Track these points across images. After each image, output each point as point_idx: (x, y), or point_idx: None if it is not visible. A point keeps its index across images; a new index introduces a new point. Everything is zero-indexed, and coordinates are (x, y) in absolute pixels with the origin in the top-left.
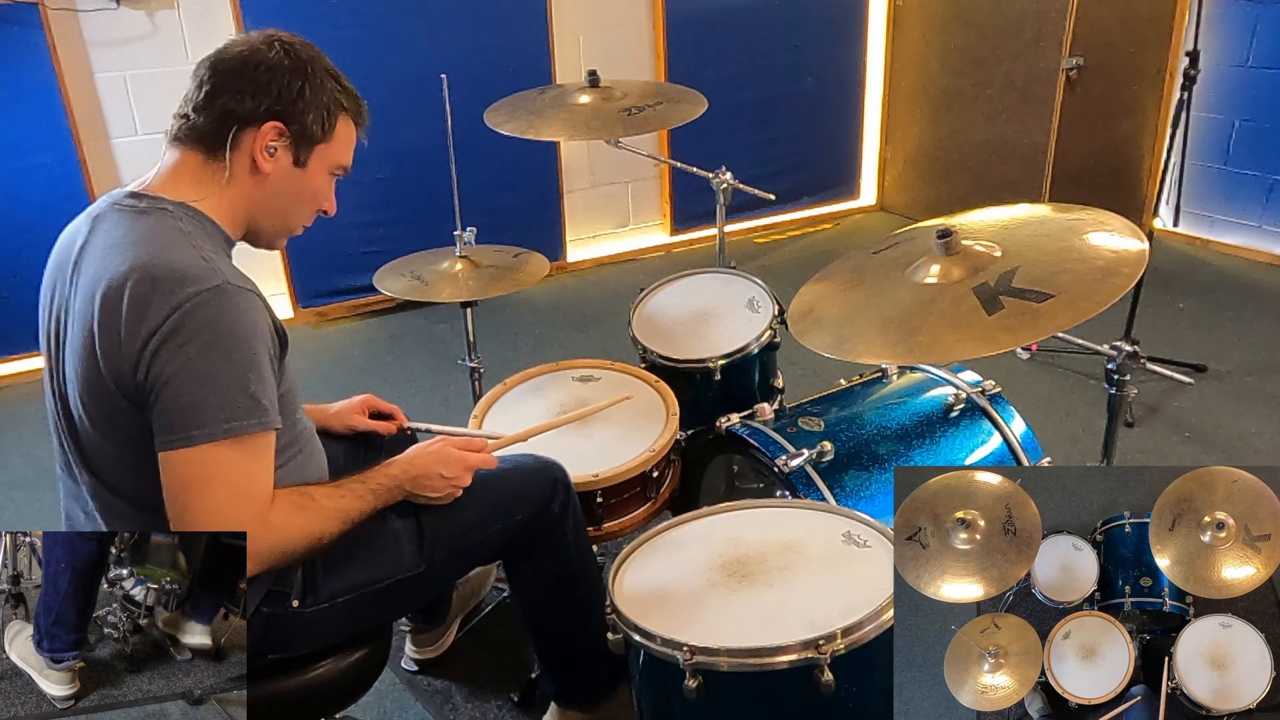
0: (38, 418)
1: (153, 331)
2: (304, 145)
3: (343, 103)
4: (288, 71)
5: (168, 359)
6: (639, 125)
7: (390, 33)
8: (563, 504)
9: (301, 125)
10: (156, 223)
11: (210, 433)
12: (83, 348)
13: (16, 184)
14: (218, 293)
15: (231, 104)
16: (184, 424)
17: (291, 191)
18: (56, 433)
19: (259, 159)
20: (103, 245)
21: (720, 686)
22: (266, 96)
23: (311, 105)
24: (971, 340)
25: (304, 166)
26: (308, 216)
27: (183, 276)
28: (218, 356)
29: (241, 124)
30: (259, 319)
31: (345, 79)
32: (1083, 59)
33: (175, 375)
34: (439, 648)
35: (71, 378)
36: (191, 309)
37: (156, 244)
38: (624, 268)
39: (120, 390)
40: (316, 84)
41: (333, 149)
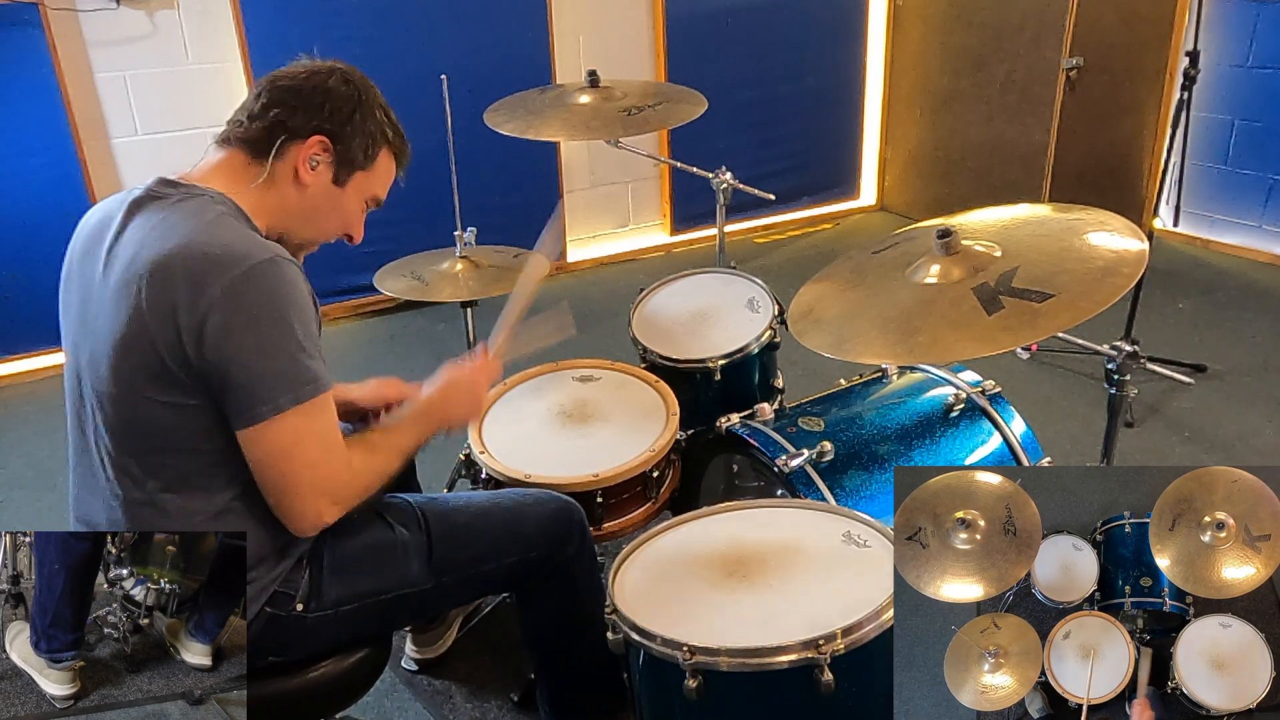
0: (38, 417)
1: (211, 305)
2: (345, 166)
3: (389, 136)
4: (343, 97)
5: (229, 333)
6: (639, 125)
7: (390, 33)
8: (578, 547)
9: (347, 147)
10: (198, 205)
11: (292, 399)
12: (125, 328)
13: (16, 184)
14: (271, 264)
15: (284, 115)
16: (263, 397)
17: (327, 207)
18: (82, 426)
19: (301, 170)
20: (143, 227)
21: (720, 686)
22: (319, 115)
23: (359, 131)
24: (971, 340)
25: (342, 186)
26: (330, 236)
27: (233, 250)
28: (274, 330)
29: (290, 135)
30: (306, 289)
31: (394, 116)
32: (1083, 59)
33: (239, 353)
34: (439, 648)
35: (107, 361)
36: (246, 281)
37: (203, 223)
38: (624, 268)
39: (175, 367)
40: (367, 113)
41: (371, 178)
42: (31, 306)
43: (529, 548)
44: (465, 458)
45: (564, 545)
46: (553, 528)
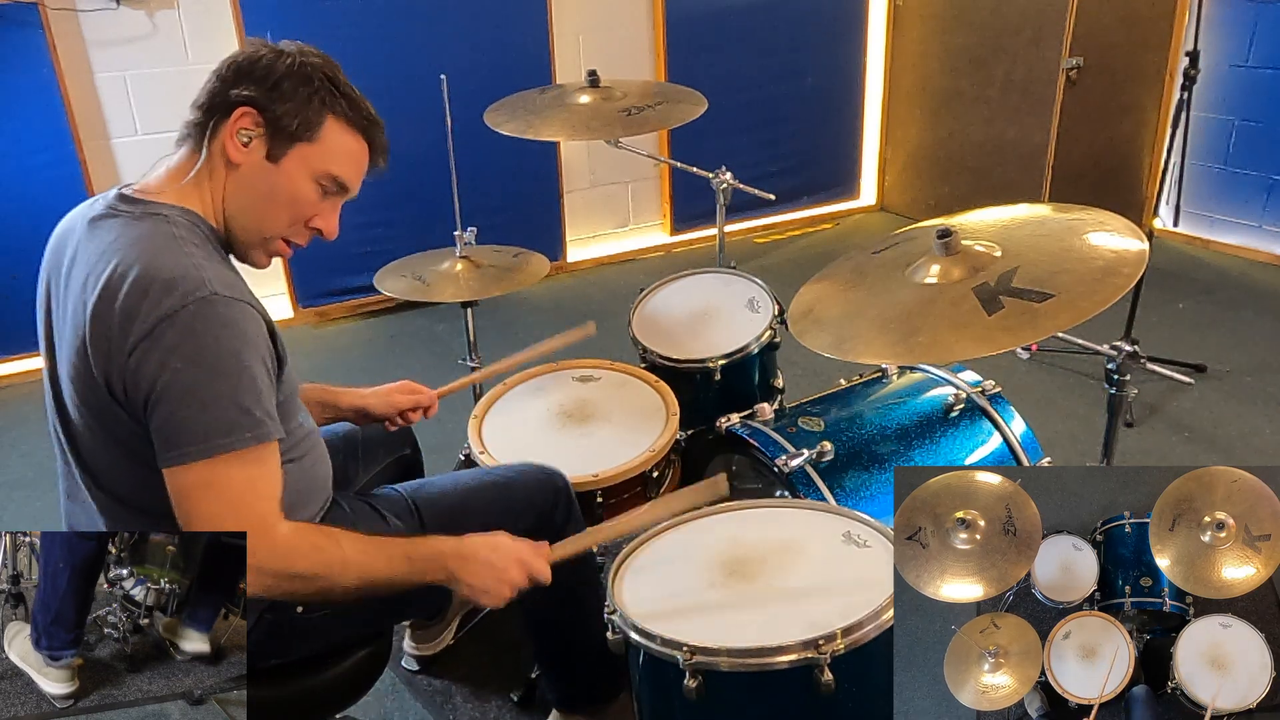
0: (38, 417)
1: (139, 340)
2: (279, 139)
3: (339, 108)
4: (271, 64)
5: (155, 371)
6: (639, 125)
7: (390, 33)
8: (564, 514)
9: (276, 115)
10: (152, 228)
11: (205, 449)
12: (75, 351)
13: (16, 184)
14: (204, 303)
15: (216, 93)
16: (178, 441)
17: (264, 188)
18: (55, 434)
19: (229, 146)
20: (96, 249)
21: (720, 686)
22: (244, 83)
23: (290, 96)
24: (971, 340)
25: (277, 163)
26: (285, 224)
27: (171, 285)
28: (205, 371)
29: (221, 114)
30: (250, 328)
31: (359, 95)
32: (1083, 59)
33: (165, 390)
34: (438, 644)
35: (65, 379)
36: (177, 320)
37: (148, 250)
38: (624, 268)
39: (113, 397)
40: (300, 79)
41: (317, 152)
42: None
43: (516, 519)
44: (465, 458)
45: (552, 512)
46: (539, 495)
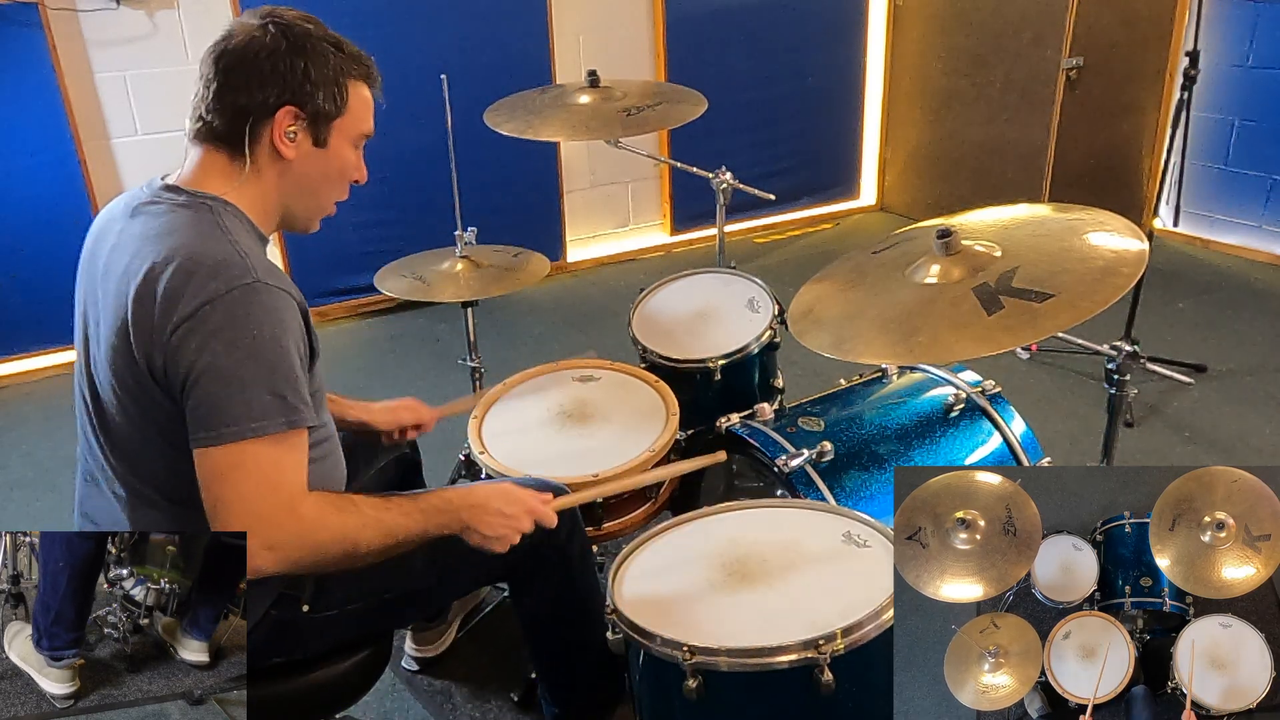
0: (38, 417)
1: (181, 321)
2: (321, 124)
3: (350, 69)
4: (288, 53)
5: (195, 352)
6: (639, 125)
7: (390, 33)
8: (569, 530)
9: (315, 105)
10: (195, 215)
11: (237, 431)
12: (116, 334)
13: (16, 184)
14: (248, 290)
15: (243, 99)
16: (212, 422)
17: (318, 173)
18: (85, 423)
19: (280, 146)
20: (139, 235)
21: (720, 686)
22: (275, 84)
23: (319, 82)
24: (971, 340)
25: (325, 146)
26: (341, 192)
27: (215, 270)
28: (244, 355)
29: (256, 117)
30: (289, 316)
31: (348, 43)
32: (1083, 59)
33: (204, 372)
34: (439, 645)
35: (103, 361)
36: (221, 303)
37: (194, 235)
38: (624, 268)
39: (154, 378)
40: (319, 58)
41: (350, 120)
42: (31, 306)
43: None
44: (465, 458)
45: (556, 529)
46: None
